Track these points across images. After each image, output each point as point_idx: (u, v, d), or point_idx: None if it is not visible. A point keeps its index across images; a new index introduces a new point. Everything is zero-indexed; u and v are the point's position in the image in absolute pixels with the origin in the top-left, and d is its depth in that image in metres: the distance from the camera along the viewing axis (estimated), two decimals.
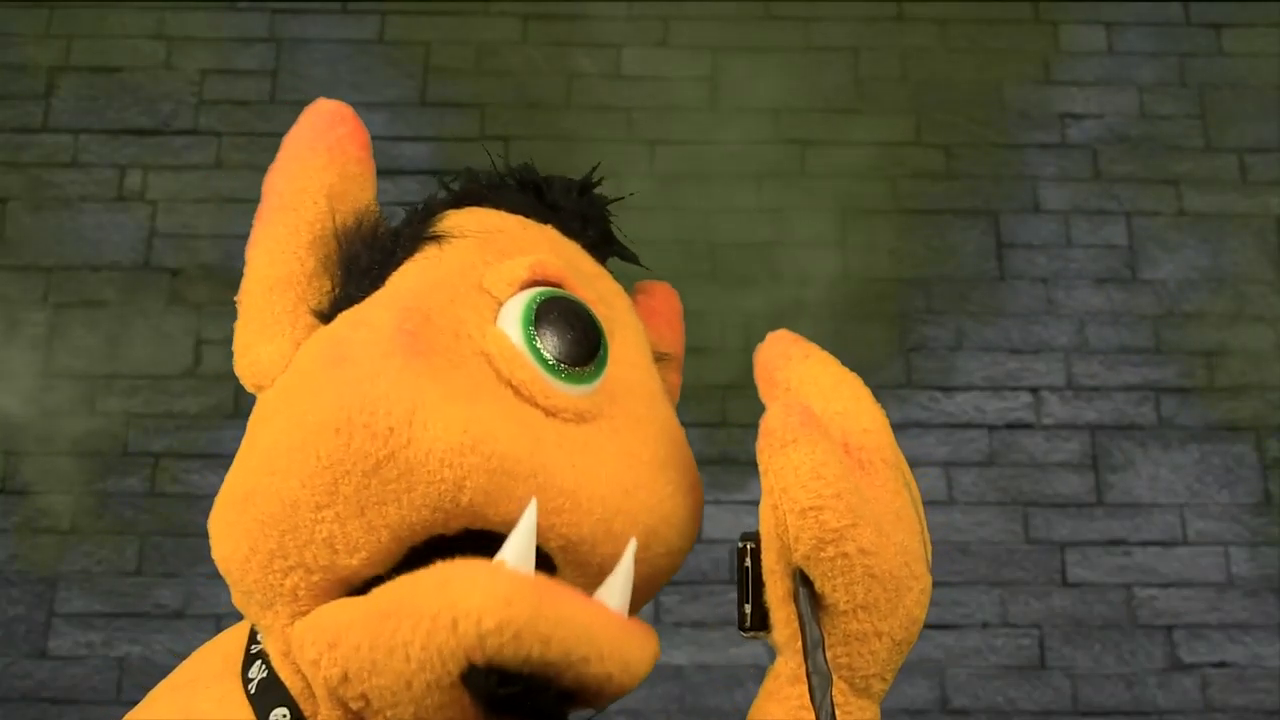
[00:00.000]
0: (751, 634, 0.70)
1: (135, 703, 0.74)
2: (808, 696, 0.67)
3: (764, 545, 0.68)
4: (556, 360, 0.70)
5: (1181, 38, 2.59)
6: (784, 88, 2.54)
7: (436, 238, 0.74)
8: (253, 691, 0.70)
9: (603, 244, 0.85)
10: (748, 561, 0.70)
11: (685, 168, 2.47)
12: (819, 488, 0.64)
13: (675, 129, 2.50)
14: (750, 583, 0.69)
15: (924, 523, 0.71)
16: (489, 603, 0.60)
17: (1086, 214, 2.47)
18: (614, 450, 0.71)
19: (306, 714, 0.69)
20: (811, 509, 0.64)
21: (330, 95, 2.58)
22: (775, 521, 0.66)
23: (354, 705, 0.66)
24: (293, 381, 0.70)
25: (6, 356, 2.32)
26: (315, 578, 0.67)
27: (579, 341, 0.71)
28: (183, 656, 0.77)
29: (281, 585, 0.67)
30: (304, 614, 0.68)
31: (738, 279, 2.39)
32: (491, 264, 0.73)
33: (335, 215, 0.74)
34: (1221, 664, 2.21)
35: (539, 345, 0.69)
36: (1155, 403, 2.35)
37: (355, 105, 0.84)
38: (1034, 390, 2.35)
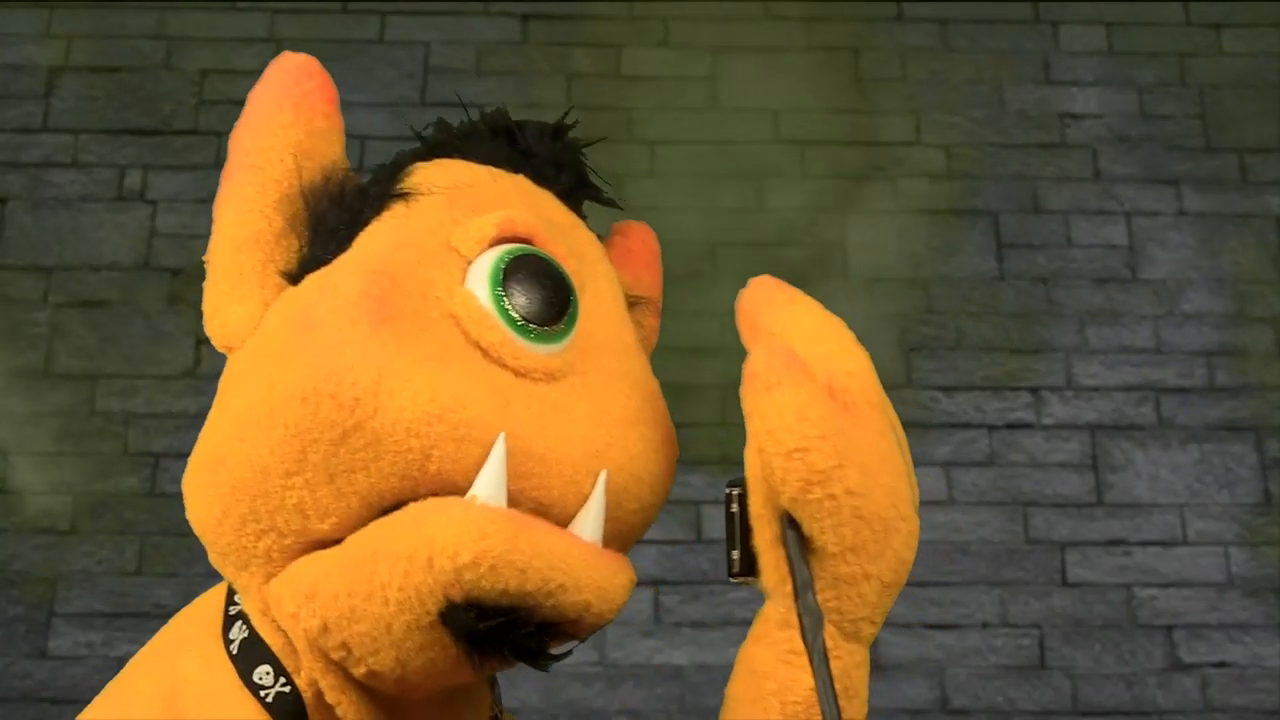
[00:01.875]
0: (740, 580, 0.70)
1: None
2: (796, 640, 0.67)
3: (750, 489, 0.68)
4: (525, 320, 0.69)
5: (1181, 38, 2.59)
6: (784, 88, 2.54)
7: (404, 195, 0.72)
8: (234, 651, 0.70)
9: (578, 189, 0.84)
10: (734, 507, 0.70)
11: (685, 168, 2.47)
12: (804, 429, 0.64)
13: (675, 129, 2.50)
14: (738, 528, 0.69)
15: (910, 465, 0.70)
16: (464, 536, 0.61)
17: (1086, 214, 2.47)
18: (585, 409, 0.71)
19: (289, 670, 0.69)
20: (797, 450, 0.64)
21: None
22: (761, 465, 0.66)
23: (335, 655, 0.66)
24: (261, 345, 0.70)
25: (6, 356, 2.32)
26: (288, 540, 0.67)
27: (548, 300, 0.70)
28: None
29: (255, 547, 0.68)
30: (277, 574, 0.68)
31: (738, 279, 2.38)
32: (460, 221, 0.72)
33: (302, 173, 0.73)
34: (1221, 664, 2.21)
35: (507, 306, 0.69)
36: (1155, 403, 2.35)
37: (355, 105, 0.85)
38: (1034, 390, 2.35)
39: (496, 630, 0.63)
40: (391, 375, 0.64)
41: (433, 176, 0.75)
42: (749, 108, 2.52)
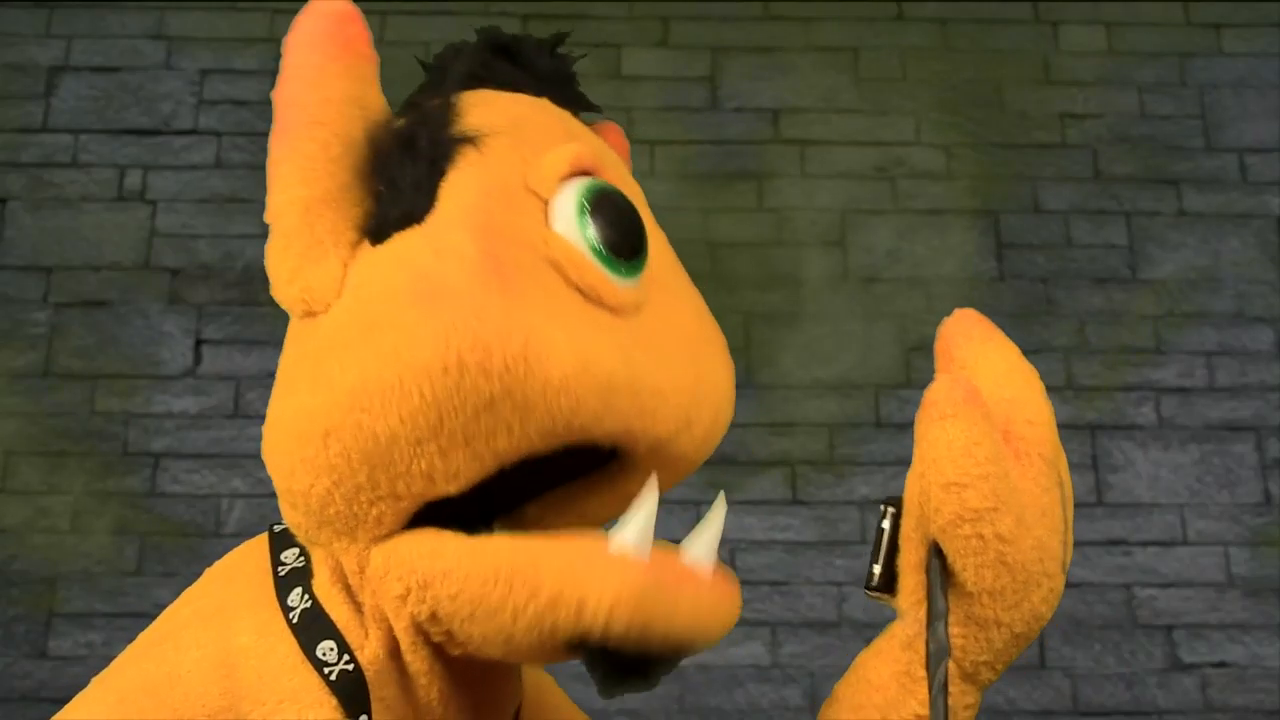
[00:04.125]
0: (875, 595, 0.71)
1: None
2: (915, 664, 0.68)
3: (906, 510, 0.69)
4: (614, 257, 0.70)
5: (1181, 38, 2.58)
6: (784, 88, 2.54)
7: (472, 140, 0.71)
8: (295, 620, 0.69)
9: (573, 103, 0.84)
10: (885, 523, 0.71)
11: (685, 168, 2.47)
12: (968, 465, 0.65)
13: (675, 129, 2.50)
14: (885, 545, 0.70)
15: (1070, 526, 0.71)
16: (622, 596, 0.62)
17: (1086, 214, 2.47)
18: (673, 336, 0.72)
19: (353, 646, 0.68)
20: (955, 485, 0.64)
21: None
22: (920, 490, 0.67)
23: (436, 638, 0.67)
24: (369, 313, 0.66)
25: (6, 356, 2.32)
26: (404, 504, 0.67)
27: (630, 233, 0.71)
28: None
29: (366, 514, 0.67)
30: (383, 538, 0.67)
31: (738, 279, 2.39)
32: (530, 161, 0.71)
33: (364, 124, 0.71)
34: (1221, 664, 2.21)
35: (599, 246, 0.69)
36: (1155, 403, 2.35)
37: None
38: None
39: (623, 667, 0.65)
40: (536, 339, 0.64)
41: (487, 115, 0.74)
42: (749, 108, 2.52)
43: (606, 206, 0.71)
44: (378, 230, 0.69)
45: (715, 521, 0.71)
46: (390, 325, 0.65)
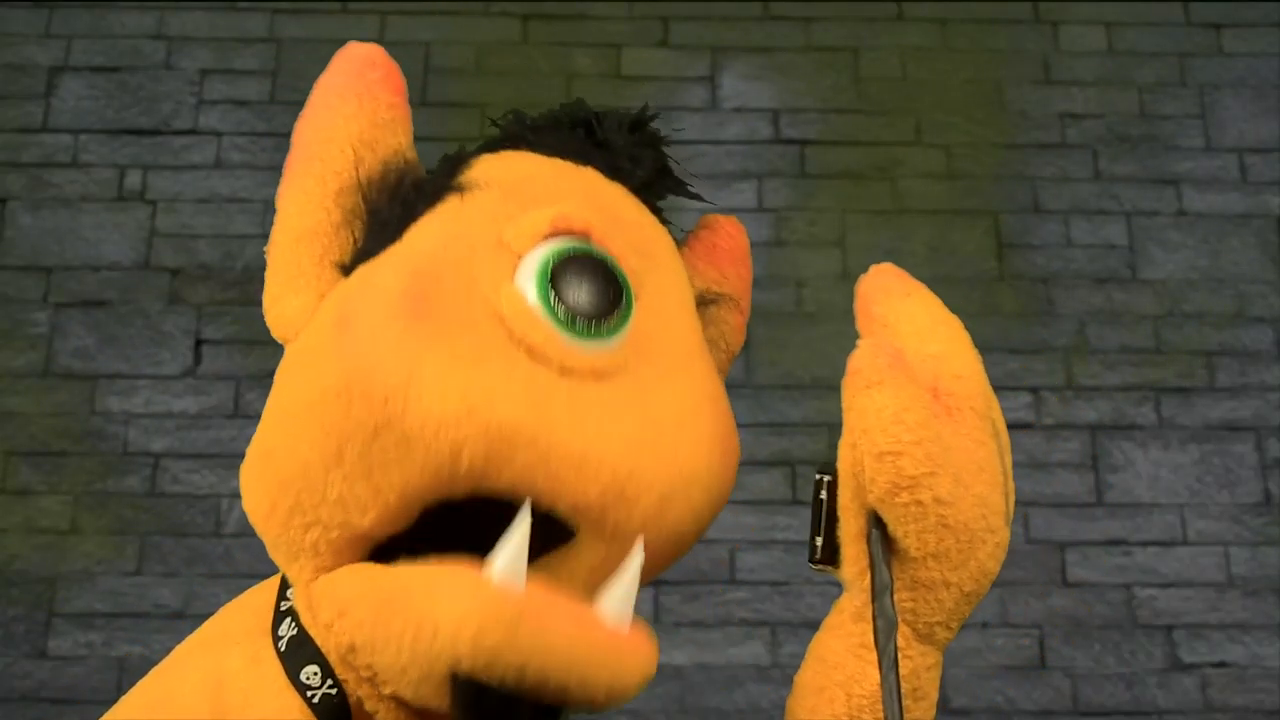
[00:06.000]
0: (819, 567, 0.70)
1: None
2: (869, 634, 0.67)
3: (840, 482, 0.68)
4: (572, 317, 0.67)
5: (1181, 38, 2.59)
6: (784, 88, 2.54)
7: (458, 188, 0.72)
8: (283, 649, 0.70)
9: (657, 182, 0.83)
10: (823, 494, 0.69)
11: (685, 168, 2.46)
12: (899, 432, 0.63)
13: (675, 129, 2.50)
14: (823, 516, 0.69)
15: (1009, 475, 0.69)
16: (465, 621, 0.60)
17: (1086, 214, 2.47)
18: (633, 408, 0.68)
19: (337, 671, 0.69)
20: (889, 453, 0.63)
21: None
22: (853, 460, 0.66)
23: (363, 673, 0.66)
24: (307, 340, 0.70)
25: (6, 356, 2.32)
26: (333, 534, 0.67)
27: (599, 296, 0.68)
28: None
29: (302, 540, 0.68)
30: (326, 569, 0.68)
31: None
32: (514, 216, 0.70)
33: (363, 165, 0.73)
34: (1221, 664, 2.21)
35: (554, 303, 0.67)
36: (1155, 403, 2.35)
37: None
38: (1034, 390, 2.35)
39: (498, 707, 0.62)
40: (422, 373, 0.63)
41: (491, 170, 0.74)
42: (749, 108, 2.52)
43: (576, 267, 0.68)
44: (350, 265, 0.71)
45: (629, 571, 0.67)
46: (313, 350, 0.68)
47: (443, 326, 0.65)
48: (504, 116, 0.80)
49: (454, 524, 0.66)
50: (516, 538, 0.63)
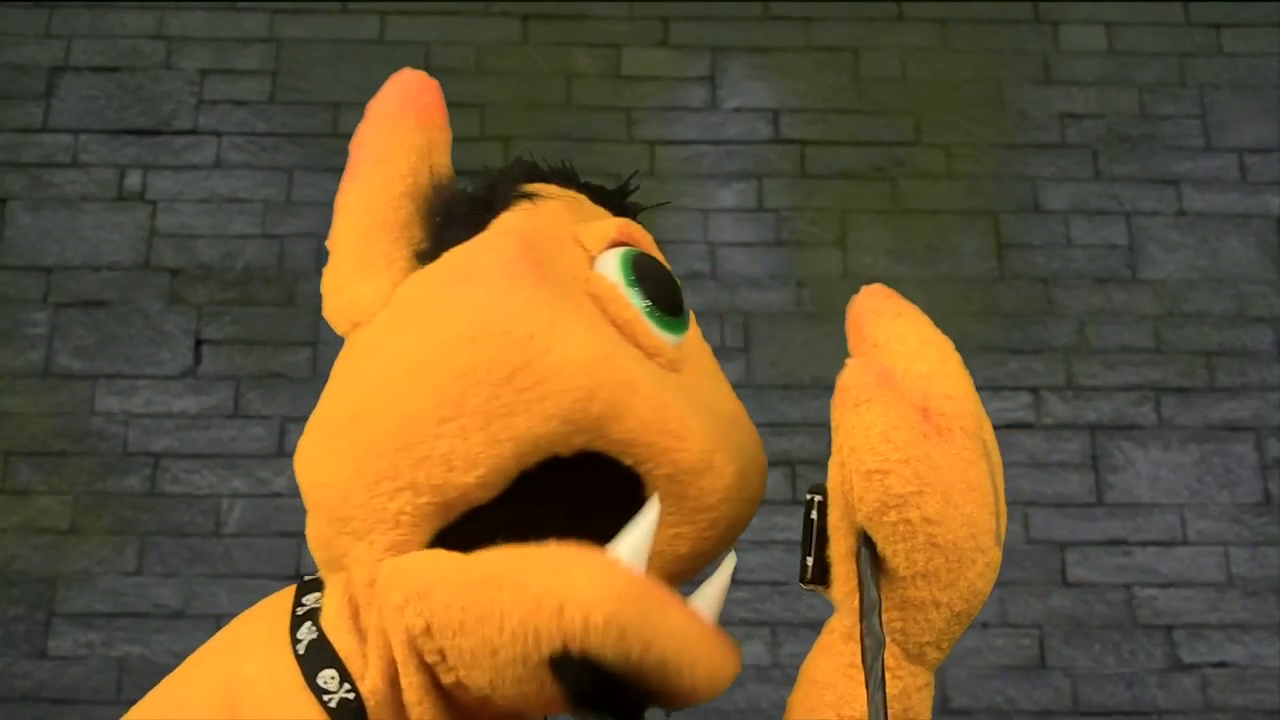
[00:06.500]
0: (810, 587, 0.70)
1: (135, 703, 0.73)
2: (859, 655, 0.67)
3: (830, 501, 0.68)
4: (654, 305, 0.73)
5: (1181, 38, 2.59)
6: (784, 88, 2.54)
7: (529, 195, 0.77)
8: (301, 652, 0.70)
9: None
10: (814, 514, 0.69)
11: (685, 168, 2.47)
12: (887, 451, 0.63)
13: (675, 129, 2.50)
14: (814, 535, 0.69)
15: (1000, 495, 0.69)
16: (602, 596, 0.61)
17: (1086, 214, 2.47)
18: (703, 398, 0.74)
19: (354, 675, 0.69)
20: (877, 472, 0.63)
21: (330, 95, 2.59)
22: (842, 479, 0.66)
23: (429, 658, 0.67)
24: (405, 310, 0.71)
25: (6, 356, 2.32)
26: (422, 500, 0.67)
27: (671, 293, 0.75)
28: (183, 656, 0.76)
29: (385, 509, 0.68)
30: (398, 547, 0.68)
31: (738, 279, 2.39)
32: (581, 223, 0.77)
33: (422, 173, 0.78)
34: (1221, 664, 2.21)
35: (638, 290, 0.73)
36: (1155, 403, 2.35)
37: (355, 106, 0.84)
38: (1034, 390, 2.35)
39: (602, 689, 0.63)
40: (563, 319, 0.67)
41: (549, 188, 0.79)
42: (749, 108, 2.52)
43: (649, 267, 0.75)
44: (428, 254, 0.74)
45: (721, 578, 0.71)
46: (422, 310, 0.70)
47: (558, 290, 0.69)
48: (509, 169, 0.85)
49: (536, 502, 0.68)
50: (644, 524, 0.67)
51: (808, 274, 2.41)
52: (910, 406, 0.66)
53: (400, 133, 0.78)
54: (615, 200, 0.86)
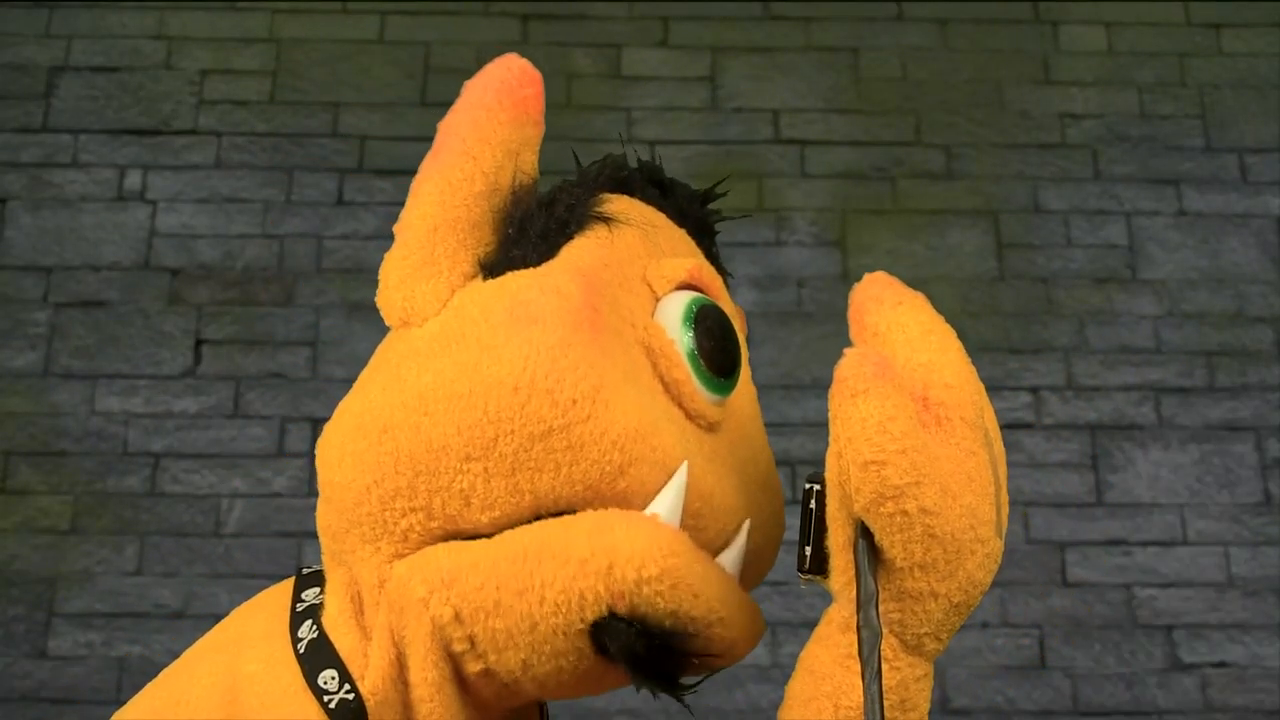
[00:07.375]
0: (808, 577, 0.70)
1: None
2: (856, 646, 0.67)
3: (828, 492, 0.67)
4: (706, 367, 0.72)
5: (1181, 38, 2.59)
6: (784, 88, 2.54)
7: (606, 219, 0.74)
8: (301, 651, 0.69)
9: (710, 259, 0.87)
10: (812, 504, 0.69)
11: (685, 168, 2.47)
12: (884, 442, 0.63)
13: (675, 129, 2.50)
14: (812, 525, 0.69)
15: (1002, 486, 0.69)
16: (652, 549, 0.62)
17: (1086, 214, 2.47)
18: (735, 464, 0.74)
19: (354, 676, 0.68)
20: (874, 463, 0.63)
21: (330, 95, 2.59)
22: (839, 470, 0.65)
23: (457, 647, 0.66)
24: (461, 328, 0.69)
25: (6, 356, 2.32)
26: (433, 524, 0.67)
27: (727, 353, 0.74)
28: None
29: (395, 524, 0.67)
30: (403, 555, 0.68)
31: (738, 279, 2.39)
32: (654, 258, 0.75)
33: (516, 173, 0.75)
34: (1221, 664, 2.21)
35: (694, 349, 0.72)
36: (1155, 403, 2.35)
37: (355, 106, 0.83)
38: (1034, 390, 2.35)
39: (653, 649, 0.64)
40: (609, 386, 0.65)
41: (626, 209, 0.77)
42: (749, 108, 2.52)
43: (710, 320, 0.73)
44: (494, 267, 0.72)
45: (739, 541, 0.72)
46: (476, 340, 0.67)
47: (613, 343, 0.68)
48: (603, 161, 0.82)
49: None
50: (676, 485, 0.67)
51: (808, 274, 2.41)
52: (908, 396, 0.66)
53: (492, 125, 0.75)
54: (696, 208, 0.84)
